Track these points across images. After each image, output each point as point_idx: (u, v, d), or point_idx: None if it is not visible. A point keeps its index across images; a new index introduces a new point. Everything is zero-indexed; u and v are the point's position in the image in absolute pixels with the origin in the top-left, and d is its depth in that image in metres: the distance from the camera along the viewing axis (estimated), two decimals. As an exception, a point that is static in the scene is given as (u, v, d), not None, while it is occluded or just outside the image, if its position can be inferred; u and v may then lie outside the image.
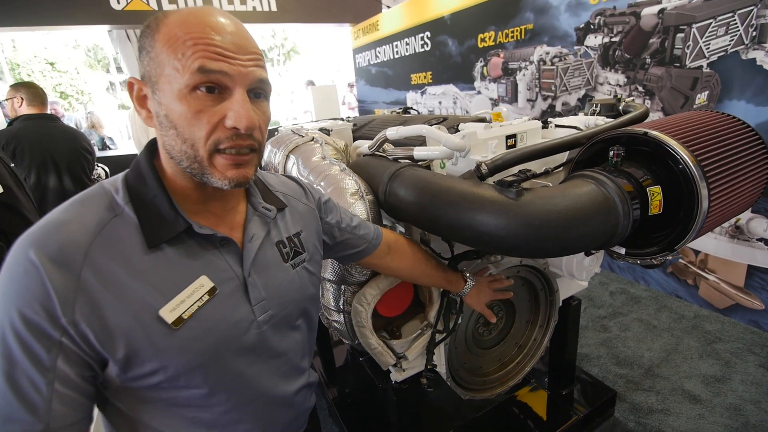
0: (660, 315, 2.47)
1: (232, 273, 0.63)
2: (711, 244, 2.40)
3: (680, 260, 2.58)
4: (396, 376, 1.24)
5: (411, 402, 1.36)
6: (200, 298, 0.59)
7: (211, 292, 0.60)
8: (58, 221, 0.54)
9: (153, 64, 0.54)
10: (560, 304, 1.53)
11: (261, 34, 14.79)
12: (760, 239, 2.18)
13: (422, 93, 4.79)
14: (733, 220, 2.26)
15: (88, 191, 0.59)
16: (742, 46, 2.05)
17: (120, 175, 0.62)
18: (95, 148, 2.85)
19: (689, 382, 1.95)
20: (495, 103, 3.76)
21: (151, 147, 0.63)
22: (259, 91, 0.58)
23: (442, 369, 1.30)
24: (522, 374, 1.53)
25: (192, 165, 0.56)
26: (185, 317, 0.57)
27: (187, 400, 0.61)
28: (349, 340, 1.14)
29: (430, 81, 4.61)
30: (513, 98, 3.53)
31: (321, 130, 1.71)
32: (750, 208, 2.18)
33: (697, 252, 2.49)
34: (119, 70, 9.17)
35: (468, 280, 1.12)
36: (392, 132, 1.13)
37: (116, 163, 2.37)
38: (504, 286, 1.20)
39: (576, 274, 1.32)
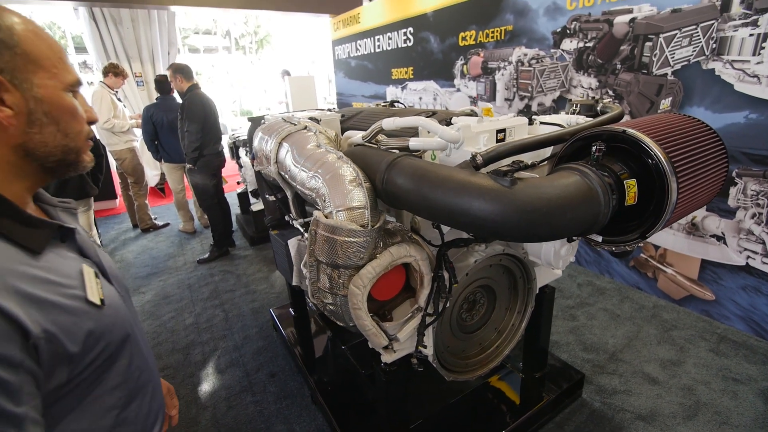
0: (623, 305, 2.65)
1: (87, 261, 0.65)
2: (669, 239, 2.59)
3: (642, 255, 2.77)
4: (386, 358, 1.29)
5: (399, 384, 1.42)
6: (96, 281, 0.62)
7: (97, 275, 0.63)
8: None
9: (19, 58, 0.54)
10: (537, 292, 1.63)
11: (233, 20, 14.38)
12: (713, 236, 2.37)
13: (402, 88, 4.84)
14: (690, 217, 2.45)
15: None
16: (703, 57, 2.22)
17: None
18: None
19: (648, 366, 2.11)
20: (474, 101, 3.86)
21: None
22: None
23: (428, 351, 1.36)
24: (500, 357, 1.62)
25: (67, 156, 0.62)
26: (101, 297, 0.61)
27: (112, 377, 0.63)
28: (342, 323, 1.19)
29: (411, 76, 4.67)
30: (491, 97, 3.64)
31: (310, 119, 1.73)
32: (706, 205, 2.37)
33: (657, 247, 2.68)
34: (77, 50, 8.63)
35: None
36: (388, 123, 1.17)
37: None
38: None
39: (553, 262, 1.42)
